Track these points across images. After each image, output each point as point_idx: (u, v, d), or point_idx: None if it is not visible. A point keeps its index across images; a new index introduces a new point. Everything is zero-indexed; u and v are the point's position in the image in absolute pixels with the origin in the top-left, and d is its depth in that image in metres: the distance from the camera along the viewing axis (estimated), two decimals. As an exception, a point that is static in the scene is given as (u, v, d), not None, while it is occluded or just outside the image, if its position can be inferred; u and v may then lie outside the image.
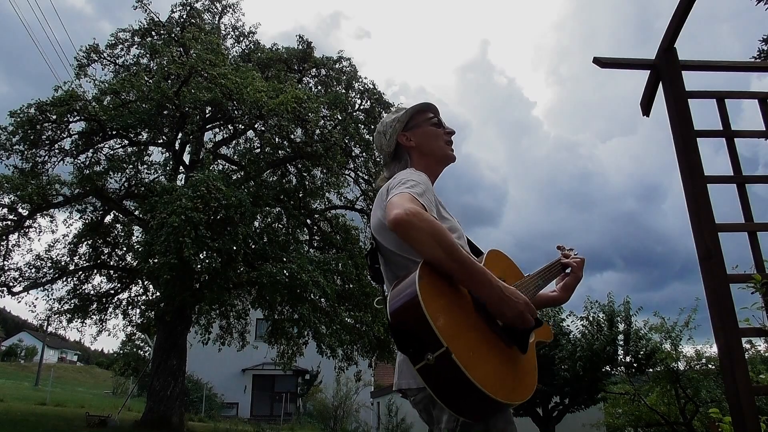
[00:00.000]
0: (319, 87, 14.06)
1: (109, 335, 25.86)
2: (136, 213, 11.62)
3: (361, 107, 13.22)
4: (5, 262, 11.50)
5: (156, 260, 8.80)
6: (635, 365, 11.73)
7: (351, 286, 11.38)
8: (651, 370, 11.60)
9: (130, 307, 13.49)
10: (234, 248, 9.33)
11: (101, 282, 13.63)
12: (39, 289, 12.48)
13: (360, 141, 12.29)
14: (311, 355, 13.31)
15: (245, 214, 9.51)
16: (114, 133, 11.22)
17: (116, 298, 13.60)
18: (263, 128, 11.09)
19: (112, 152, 11.89)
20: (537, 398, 12.91)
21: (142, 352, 22.94)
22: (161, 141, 12.14)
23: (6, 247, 11.41)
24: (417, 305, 1.12)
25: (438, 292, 1.19)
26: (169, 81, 11.17)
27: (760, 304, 2.25)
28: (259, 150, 12.03)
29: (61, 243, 12.61)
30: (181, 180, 11.75)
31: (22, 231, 11.64)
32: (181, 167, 12.32)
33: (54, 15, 40.22)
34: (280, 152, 11.91)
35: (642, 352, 11.54)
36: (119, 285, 13.47)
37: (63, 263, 12.48)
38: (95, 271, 13.30)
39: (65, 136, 11.02)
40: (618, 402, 12.96)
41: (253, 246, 10.30)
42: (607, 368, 12.40)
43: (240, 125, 12.16)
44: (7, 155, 10.46)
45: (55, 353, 55.93)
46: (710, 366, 10.50)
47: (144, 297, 13.22)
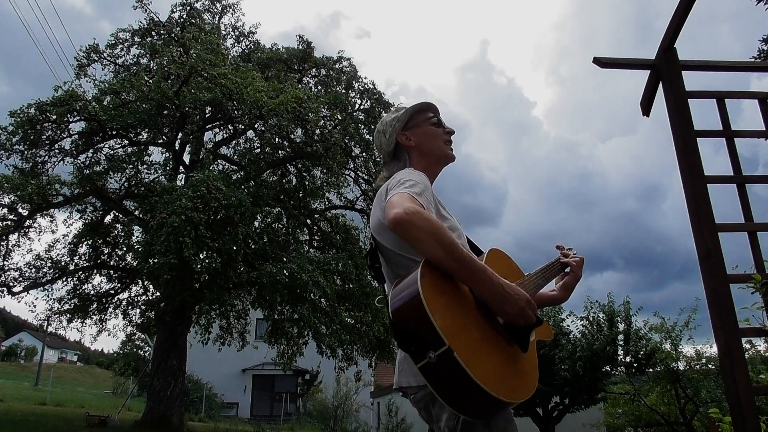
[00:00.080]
0: (319, 87, 14.06)
1: (109, 335, 25.89)
2: (136, 213, 11.61)
3: (361, 107, 13.23)
4: (5, 262, 11.51)
5: (156, 260, 8.80)
6: (635, 365, 11.73)
7: (351, 286, 11.38)
8: (651, 370, 11.59)
9: (130, 307, 13.49)
10: (234, 248, 9.32)
11: (101, 282, 13.66)
12: (39, 289, 12.51)
13: (360, 141, 12.29)
14: (311, 355, 13.30)
15: (245, 214, 9.51)
16: (114, 133, 11.22)
17: (116, 298, 13.61)
18: (263, 128, 11.09)
19: (112, 152, 11.90)
20: (537, 398, 12.91)
21: (142, 352, 22.99)
22: (161, 141, 12.13)
23: (6, 247, 11.42)
24: (419, 304, 1.13)
25: (439, 291, 1.19)
26: (169, 81, 11.17)
27: (760, 304, 2.25)
28: (259, 150, 12.03)
29: (61, 243, 12.63)
30: (181, 180, 11.75)
31: (22, 231, 11.65)
32: (181, 167, 12.32)
33: (54, 15, 40.26)
34: (280, 152, 11.91)
35: (642, 352, 11.54)
36: (119, 285, 13.47)
37: (63, 263, 12.48)
38: (95, 271, 13.30)
39: (65, 136, 11.03)
40: (618, 402, 12.94)
41: (253, 246, 10.30)
42: (607, 368, 12.40)
43: (240, 125, 12.16)
44: (7, 155, 10.48)
45: (55, 353, 55.94)
46: (710, 366, 10.49)
47: (144, 297, 13.21)
